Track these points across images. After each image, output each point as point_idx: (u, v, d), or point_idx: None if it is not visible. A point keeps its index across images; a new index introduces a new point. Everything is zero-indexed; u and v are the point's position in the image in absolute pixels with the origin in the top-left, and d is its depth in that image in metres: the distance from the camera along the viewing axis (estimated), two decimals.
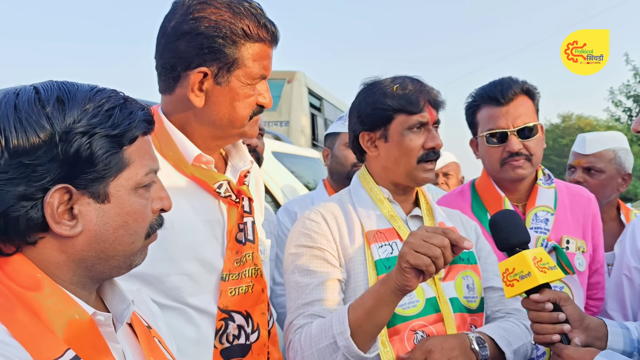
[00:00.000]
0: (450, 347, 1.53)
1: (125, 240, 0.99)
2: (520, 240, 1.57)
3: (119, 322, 1.04)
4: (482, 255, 1.85)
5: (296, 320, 1.61)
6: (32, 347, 0.86)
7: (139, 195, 1.00)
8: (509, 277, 1.52)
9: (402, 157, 1.71)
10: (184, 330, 1.42)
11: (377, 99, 1.73)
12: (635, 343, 1.59)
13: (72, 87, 0.96)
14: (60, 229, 0.92)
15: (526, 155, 2.09)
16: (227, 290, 1.47)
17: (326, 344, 1.50)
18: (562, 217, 2.17)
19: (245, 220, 1.55)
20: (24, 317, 0.89)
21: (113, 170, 0.95)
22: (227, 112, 1.46)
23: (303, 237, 1.70)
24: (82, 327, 0.93)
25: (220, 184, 1.50)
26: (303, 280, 1.64)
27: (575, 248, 2.14)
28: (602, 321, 1.61)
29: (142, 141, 1.01)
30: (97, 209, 0.95)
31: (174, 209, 1.41)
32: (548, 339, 1.51)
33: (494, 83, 2.14)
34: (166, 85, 1.48)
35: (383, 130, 1.73)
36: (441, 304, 1.65)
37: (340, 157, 2.87)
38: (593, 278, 2.25)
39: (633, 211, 3.02)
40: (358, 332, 1.47)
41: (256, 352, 1.51)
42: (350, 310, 1.50)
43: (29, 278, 0.92)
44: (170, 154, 1.47)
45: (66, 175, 0.91)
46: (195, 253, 1.45)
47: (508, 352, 1.62)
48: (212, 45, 1.39)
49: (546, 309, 1.51)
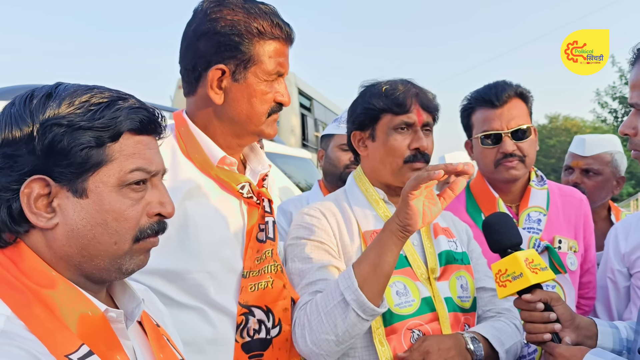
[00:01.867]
0: (446, 347, 1.56)
1: (105, 239, 0.98)
2: (512, 242, 1.60)
3: (129, 320, 1.06)
4: (473, 257, 1.88)
5: (301, 299, 1.61)
6: (49, 342, 0.89)
7: (123, 195, 0.98)
8: (501, 278, 1.55)
9: (387, 156, 1.73)
10: (203, 329, 1.47)
11: (367, 99, 1.76)
12: (624, 342, 1.62)
13: (70, 86, 0.98)
14: (36, 220, 0.94)
15: (520, 156, 2.12)
16: (247, 286, 1.51)
17: (334, 303, 1.48)
18: (554, 218, 2.20)
19: (267, 220, 1.61)
20: (41, 312, 0.91)
21: (92, 165, 0.95)
22: (245, 108, 1.52)
23: (303, 229, 1.71)
24: (94, 323, 0.95)
25: (243, 185, 1.56)
26: (305, 266, 1.65)
27: (567, 248, 2.17)
28: (592, 320, 1.65)
29: (132, 140, 0.99)
30: (75, 204, 0.96)
31: (197, 209, 1.48)
32: (539, 338, 1.55)
33: (488, 86, 2.18)
34: (189, 87, 1.56)
35: (371, 129, 1.76)
36: (436, 303, 1.66)
37: (333, 159, 2.89)
38: (585, 277, 2.28)
39: (623, 212, 3.08)
40: (366, 285, 1.46)
41: (277, 347, 1.54)
42: (354, 266, 1.50)
43: (44, 276, 0.95)
44: (196, 156, 1.54)
45: (43, 167, 0.93)
46: (216, 252, 1.50)
47: (501, 351, 1.65)
48: (229, 43, 1.47)
49: (538, 308, 1.54)
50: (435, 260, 1.73)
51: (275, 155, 3.91)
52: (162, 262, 1.41)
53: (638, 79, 1.47)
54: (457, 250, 1.80)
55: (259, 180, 1.65)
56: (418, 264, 1.70)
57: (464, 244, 1.88)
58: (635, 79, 1.48)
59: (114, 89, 1.01)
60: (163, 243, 1.40)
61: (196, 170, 1.53)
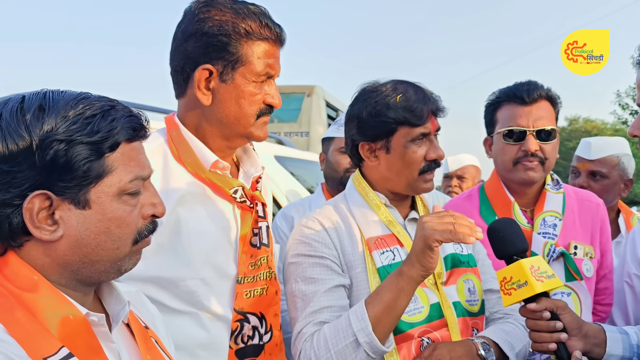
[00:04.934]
0: (458, 355, 1.54)
1: (108, 246, 1.00)
2: (517, 249, 1.56)
3: (114, 322, 1.07)
4: (479, 259, 1.86)
5: (305, 329, 1.57)
6: (28, 345, 0.90)
7: (123, 202, 1.00)
8: (506, 286, 1.52)
9: (405, 169, 1.68)
10: (197, 333, 1.47)
11: (379, 110, 1.67)
12: (634, 348, 1.59)
13: (58, 95, 0.98)
14: (40, 234, 0.95)
15: (541, 158, 2.07)
16: (242, 292, 1.52)
17: (346, 343, 1.48)
18: (570, 223, 2.15)
19: (260, 225, 1.60)
20: (22, 316, 0.93)
21: (93, 177, 0.96)
22: (233, 109, 1.50)
23: (302, 245, 1.67)
24: (76, 327, 0.96)
25: (236, 190, 1.55)
26: (308, 289, 1.61)
27: (583, 254, 2.12)
28: (600, 327, 1.61)
29: (127, 148, 1.01)
30: (78, 215, 0.97)
31: (190, 215, 1.48)
32: (545, 347, 1.53)
33: (520, 83, 2.14)
34: (179, 89, 1.55)
35: (385, 141, 1.70)
36: (444, 308, 1.64)
37: (333, 163, 2.83)
38: (601, 283, 2.23)
39: (635, 215, 3.04)
40: (378, 327, 1.47)
41: (268, 352, 1.56)
42: (368, 306, 1.49)
43: (26, 280, 0.96)
44: (188, 161, 1.52)
45: (44, 182, 0.94)
46: (209, 258, 1.49)
47: (512, 355, 1.64)
48: (216, 44, 1.45)
49: (543, 317, 1.51)
50: (441, 265, 1.70)
51: (288, 160, 3.88)
52: (155, 270, 1.42)
53: None
54: (463, 252, 1.77)
55: (252, 183, 1.63)
56: None
57: (469, 245, 1.83)
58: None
59: (100, 96, 1.02)
60: (156, 250, 1.40)
61: (188, 175, 1.53)
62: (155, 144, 1.53)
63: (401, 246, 1.68)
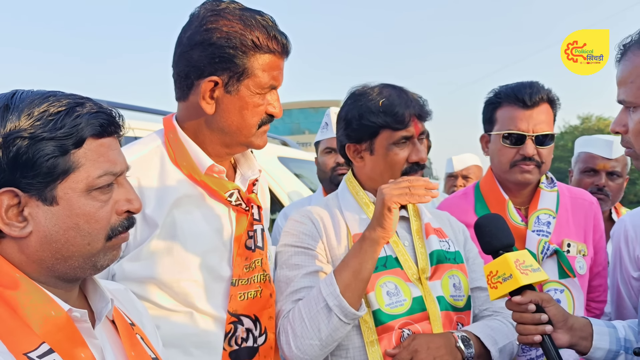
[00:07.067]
0: (436, 346, 1.57)
1: (78, 242, 1.01)
2: (503, 244, 1.59)
3: (98, 319, 1.08)
4: (470, 257, 1.88)
5: (284, 306, 1.64)
6: (9, 340, 0.91)
7: (92, 198, 1.01)
8: (492, 280, 1.55)
9: (387, 170, 1.74)
10: (191, 332, 1.49)
11: (363, 113, 1.74)
12: (622, 342, 1.60)
13: (25, 95, 0.99)
14: (10, 230, 0.97)
15: (537, 161, 2.10)
16: (236, 295, 1.53)
17: (317, 309, 1.55)
18: (563, 221, 2.17)
19: (255, 228, 1.61)
20: (3, 312, 0.94)
21: (59, 174, 0.97)
22: (236, 119, 1.52)
23: (290, 236, 1.74)
24: (58, 323, 0.97)
25: (232, 193, 1.56)
26: (291, 273, 1.68)
27: (576, 251, 2.14)
28: (587, 320, 1.63)
29: (95, 144, 1.01)
30: (46, 211, 0.98)
31: (185, 218, 1.50)
32: (530, 339, 1.54)
33: (522, 84, 2.14)
34: (181, 93, 1.55)
35: (369, 143, 1.76)
36: (427, 302, 1.68)
37: (321, 163, 2.94)
38: (595, 281, 2.24)
39: (623, 209, 3.04)
40: (347, 291, 1.54)
41: (263, 355, 1.57)
42: (336, 273, 1.57)
43: (7, 277, 0.97)
44: (184, 164, 1.54)
45: (10, 179, 0.95)
46: (203, 260, 1.51)
47: (494, 350, 1.65)
48: (223, 55, 1.45)
49: (529, 310, 1.53)
50: (426, 260, 1.74)
51: (291, 160, 3.93)
52: (150, 271, 1.45)
53: (624, 76, 1.46)
54: (450, 249, 1.80)
55: (248, 186, 1.65)
56: (409, 265, 1.71)
57: (459, 244, 1.88)
58: (621, 75, 1.47)
59: (70, 94, 1.02)
60: (152, 252, 1.45)
61: (184, 178, 1.54)
62: (153, 145, 1.57)
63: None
